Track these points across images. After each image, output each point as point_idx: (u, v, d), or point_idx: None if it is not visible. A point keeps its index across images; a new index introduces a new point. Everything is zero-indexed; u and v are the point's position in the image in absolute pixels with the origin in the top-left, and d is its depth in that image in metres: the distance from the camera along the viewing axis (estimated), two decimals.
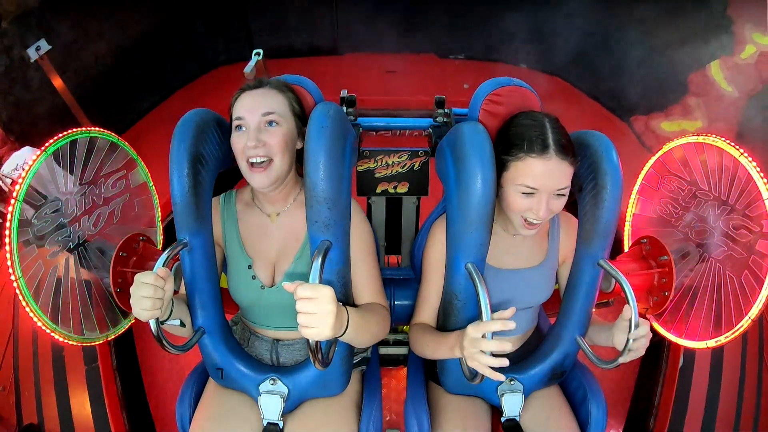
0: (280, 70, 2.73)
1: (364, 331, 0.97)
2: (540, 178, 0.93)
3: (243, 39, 3.76)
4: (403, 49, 3.50)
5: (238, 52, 3.59)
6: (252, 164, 1.00)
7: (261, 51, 2.34)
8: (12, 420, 1.67)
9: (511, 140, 0.97)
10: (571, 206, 1.18)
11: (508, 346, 0.85)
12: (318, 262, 0.85)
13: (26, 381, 1.75)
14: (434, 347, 1.05)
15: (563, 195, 0.97)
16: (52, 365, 1.71)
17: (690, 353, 1.64)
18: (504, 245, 1.13)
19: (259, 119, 1.00)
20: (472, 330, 0.88)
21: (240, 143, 1.00)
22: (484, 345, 0.85)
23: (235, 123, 1.02)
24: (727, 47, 2.51)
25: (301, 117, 1.08)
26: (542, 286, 1.15)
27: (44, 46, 2.18)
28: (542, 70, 3.17)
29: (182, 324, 1.01)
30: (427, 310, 1.13)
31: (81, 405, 1.67)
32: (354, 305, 1.05)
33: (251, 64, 2.30)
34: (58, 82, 2.23)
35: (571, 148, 0.95)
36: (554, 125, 0.96)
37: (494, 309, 0.89)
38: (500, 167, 0.98)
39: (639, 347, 0.95)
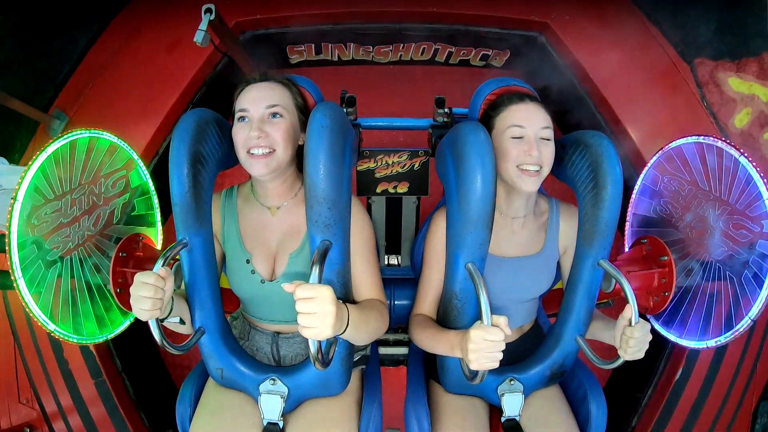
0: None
1: (364, 328, 0.98)
2: (523, 117, 1.05)
3: None
4: None
5: None
6: (252, 155, 1.00)
7: (213, 6, 1.58)
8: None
9: (495, 102, 1.13)
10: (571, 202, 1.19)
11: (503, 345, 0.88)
12: (318, 262, 0.85)
13: (44, 394, 1.81)
14: (433, 343, 1.05)
15: (549, 140, 1.05)
16: (62, 378, 1.76)
17: (690, 366, 1.61)
18: (503, 233, 1.13)
19: (263, 111, 1.01)
20: (475, 335, 0.88)
21: (242, 134, 1.00)
22: (489, 350, 0.87)
23: (238, 115, 1.03)
24: None
25: (305, 111, 1.09)
26: (541, 276, 1.15)
27: None
28: None
29: (182, 321, 1.01)
30: (428, 300, 1.14)
31: (100, 414, 1.78)
32: (353, 302, 1.05)
33: (202, 27, 1.58)
34: None
35: (543, 103, 1.09)
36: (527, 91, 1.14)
37: (493, 297, 0.89)
38: (490, 129, 1.09)
39: (639, 348, 0.95)
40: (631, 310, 0.94)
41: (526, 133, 1.04)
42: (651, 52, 2.02)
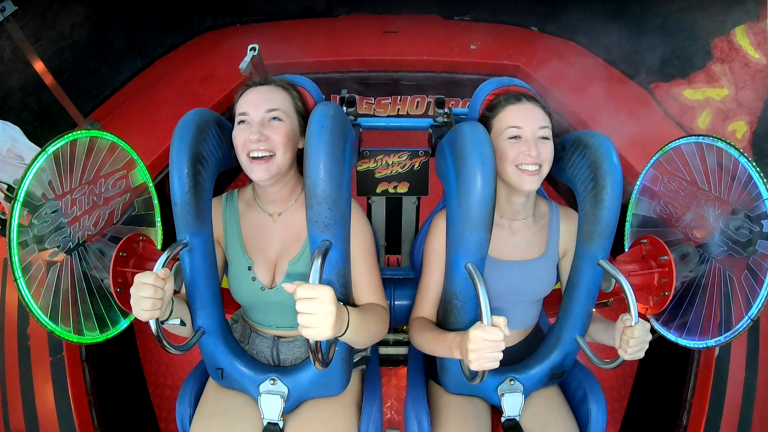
0: (271, 32, 2.65)
1: (364, 331, 0.98)
2: (521, 117, 1.05)
3: (231, 3, 3.30)
4: (403, 10, 3.23)
5: (225, 16, 3.24)
6: (253, 158, 1.00)
7: (257, 46, 2.20)
8: None
9: (492, 104, 1.14)
10: (572, 204, 1.19)
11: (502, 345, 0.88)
12: (318, 262, 0.85)
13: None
14: (432, 344, 1.05)
15: (547, 139, 1.06)
16: (18, 356, 1.55)
17: (723, 365, 1.56)
18: (503, 235, 1.13)
19: (263, 115, 1.01)
20: (475, 335, 0.88)
21: (242, 137, 1.00)
22: (489, 350, 0.87)
23: (238, 119, 1.03)
24: (752, 13, 2.31)
25: (305, 116, 1.09)
26: (542, 279, 1.15)
27: (9, 7, 1.94)
28: (553, 33, 2.97)
29: (182, 323, 1.01)
30: (428, 302, 1.14)
31: (45, 400, 1.50)
32: (354, 305, 1.05)
33: (246, 60, 2.08)
34: (31, 52, 2.04)
35: (542, 103, 1.10)
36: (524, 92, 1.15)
37: (494, 301, 0.89)
38: (488, 130, 1.08)
39: (639, 348, 0.95)
40: (631, 310, 0.94)
41: (524, 133, 1.04)
42: (614, 85, 2.46)
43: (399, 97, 2.77)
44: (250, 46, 2.19)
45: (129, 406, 1.87)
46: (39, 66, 1.94)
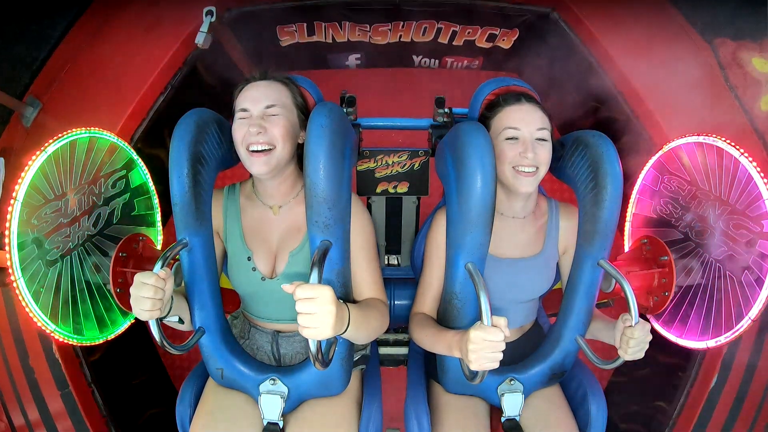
0: None
1: (365, 327, 0.98)
2: (519, 119, 1.05)
3: None
4: None
5: None
6: (252, 152, 1.00)
7: (213, 9, 1.73)
8: None
9: (491, 104, 1.13)
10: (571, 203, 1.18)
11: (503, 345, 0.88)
12: (318, 262, 0.85)
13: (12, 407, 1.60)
14: (432, 342, 1.05)
15: (545, 141, 1.05)
16: (29, 389, 1.59)
17: (724, 373, 1.51)
18: (503, 234, 1.13)
19: (262, 110, 1.01)
20: (475, 335, 0.88)
21: (241, 131, 1.00)
22: (489, 350, 0.87)
23: (238, 115, 1.03)
24: None
25: (304, 110, 1.10)
26: (541, 277, 1.15)
27: None
28: None
29: (181, 321, 1.01)
30: (428, 299, 1.14)
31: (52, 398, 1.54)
32: (354, 301, 1.05)
33: (203, 30, 1.79)
34: None
35: (541, 104, 1.09)
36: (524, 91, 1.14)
37: (493, 298, 0.89)
38: (487, 129, 1.06)
39: (639, 348, 0.95)
40: (631, 310, 0.94)
41: (521, 134, 1.04)
42: (671, 31, 1.88)
43: (401, 23, 2.21)
44: (205, 11, 1.71)
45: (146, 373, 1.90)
46: None
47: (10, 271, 0.98)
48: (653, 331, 1.04)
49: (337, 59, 2.46)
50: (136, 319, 1.16)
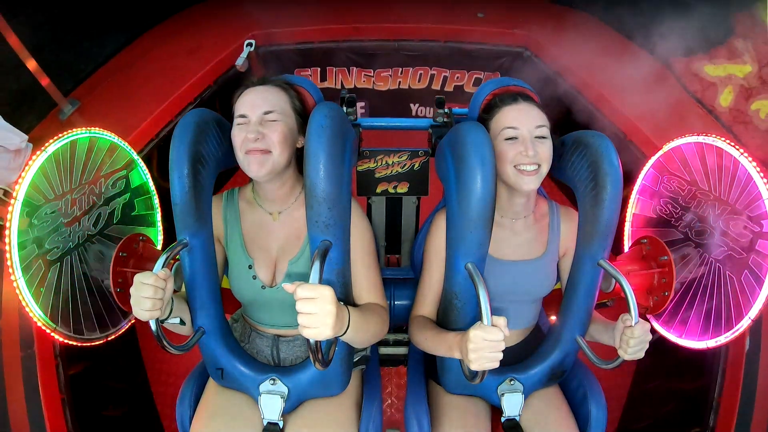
0: (262, 1, 2.44)
1: (364, 330, 0.98)
2: (516, 117, 1.06)
3: None
4: None
5: None
6: (248, 154, 1.00)
7: (253, 42, 2.23)
8: None
9: (488, 105, 1.14)
10: (572, 204, 1.19)
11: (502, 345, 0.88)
12: (318, 262, 0.85)
13: None
14: (432, 344, 1.05)
15: (545, 138, 1.05)
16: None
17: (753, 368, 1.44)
18: (504, 235, 1.13)
19: (260, 116, 1.01)
20: (475, 335, 0.88)
21: (240, 136, 1.01)
22: (489, 350, 0.87)
23: (236, 120, 1.04)
24: None
25: (303, 115, 1.09)
26: (543, 279, 1.15)
27: None
28: (566, 3, 2.74)
29: (182, 322, 1.01)
30: (428, 301, 1.14)
31: (16, 401, 1.33)
32: (354, 305, 1.05)
33: (243, 55, 2.23)
34: (6, 29, 1.84)
35: (539, 104, 1.10)
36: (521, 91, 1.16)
37: (495, 300, 0.89)
38: (486, 130, 1.07)
39: (639, 348, 0.95)
40: (631, 310, 0.94)
41: (521, 133, 1.04)
42: (630, 58, 2.25)
43: (400, 69, 2.60)
44: (246, 42, 2.24)
45: (128, 404, 1.84)
46: (15, 43, 1.79)
47: (10, 270, 0.98)
48: (653, 331, 1.04)
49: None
50: (136, 319, 1.16)
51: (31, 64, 1.82)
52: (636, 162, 1.46)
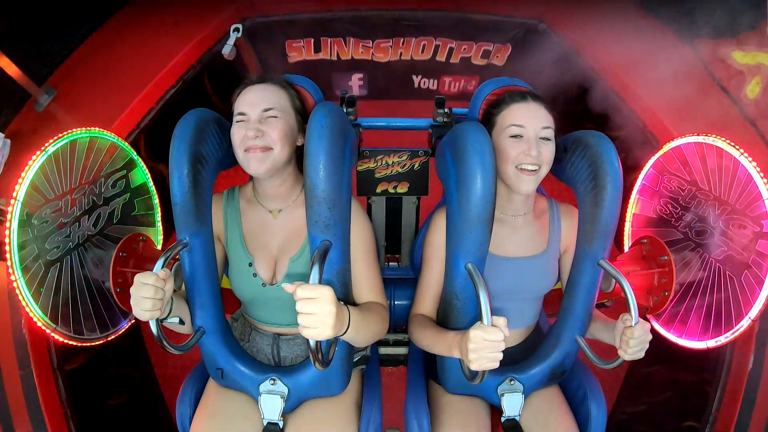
0: None
1: (365, 330, 0.98)
2: (524, 116, 1.05)
3: None
4: None
5: None
6: (248, 152, 1.00)
7: (240, 27, 1.98)
8: None
9: (497, 100, 1.13)
10: (572, 203, 1.19)
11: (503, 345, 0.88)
12: (318, 262, 0.85)
13: None
14: (432, 342, 1.05)
15: (549, 140, 1.05)
16: None
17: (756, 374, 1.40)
18: (504, 232, 1.13)
19: (260, 114, 1.01)
20: (475, 335, 0.88)
21: (240, 134, 1.01)
22: (489, 350, 0.87)
23: (236, 118, 1.04)
24: None
25: (303, 114, 1.09)
26: (544, 276, 1.15)
27: None
28: None
29: (181, 322, 1.01)
30: (427, 299, 1.14)
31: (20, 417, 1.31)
32: (354, 304, 1.05)
33: (229, 43, 2.01)
34: None
35: (546, 103, 1.09)
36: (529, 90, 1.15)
37: (495, 298, 0.89)
38: (491, 127, 1.09)
39: (639, 348, 0.95)
40: (631, 310, 0.94)
41: (526, 132, 1.04)
42: (651, 37, 2.00)
43: (402, 39, 2.35)
44: (233, 27, 2.00)
45: (132, 391, 1.84)
46: None
47: (10, 271, 0.98)
48: (653, 332, 1.04)
49: (340, 81, 2.53)
50: (136, 319, 1.16)
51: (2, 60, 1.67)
52: (651, 146, 1.40)
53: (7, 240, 0.97)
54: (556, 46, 2.11)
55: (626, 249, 1.34)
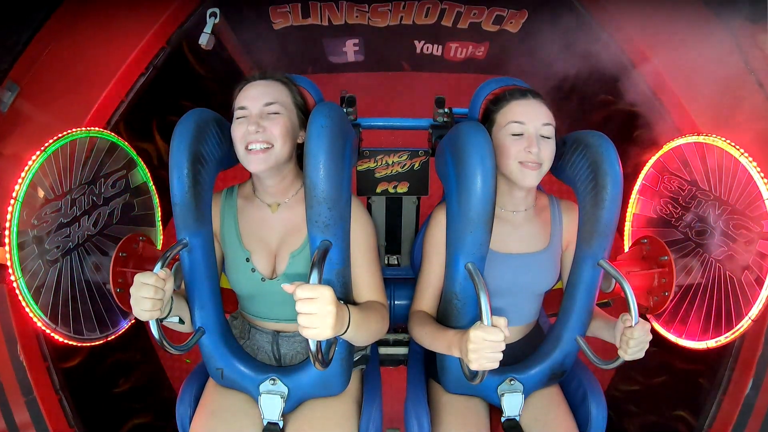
0: None
1: (365, 329, 0.98)
2: (524, 113, 1.05)
3: None
4: None
5: None
6: (250, 150, 1.00)
7: (218, 11, 1.75)
8: None
9: (498, 97, 1.13)
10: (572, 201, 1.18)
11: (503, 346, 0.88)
12: (317, 262, 0.85)
13: None
14: (432, 340, 1.05)
15: (549, 138, 1.05)
16: None
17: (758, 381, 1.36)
18: (505, 229, 1.13)
19: (261, 108, 1.01)
20: (475, 335, 0.87)
21: (240, 129, 1.01)
22: (489, 350, 0.87)
23: (237, 114, 1.03)
24: None
25: (304, 110, 1.09)
26: (546, 272, 1.15)
27: None
28: None
29: (181, 321, 1.01)
30: (427, 295, 1.14)
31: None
32: (354, 303, 1.05)
33: (206, 31, 1.77)
34: None
35: (546, 100, 1.09)
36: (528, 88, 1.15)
37: (496, 294, 0.88)
38: (491, 124, 1.09)
39: (639, 348, 0.95)
40: (631, 310, 0.94)
41: (527, 129, 1.04)
42: (688, 12, 1.70)
43: (402, 3, 2.04)
44: (209, 11, 1.76)
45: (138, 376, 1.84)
46: None
47: (10, 271, 0.98)
48: (653, 331, 1.04)
49: (333, 47, 2.30)
50: (136, 319, 1.16)
51: None
52: (670, 134, 1.30)
53: (7, 240, 0.97)
54: (581, 20, 1.84)
55: (626, 249, 1.34)
